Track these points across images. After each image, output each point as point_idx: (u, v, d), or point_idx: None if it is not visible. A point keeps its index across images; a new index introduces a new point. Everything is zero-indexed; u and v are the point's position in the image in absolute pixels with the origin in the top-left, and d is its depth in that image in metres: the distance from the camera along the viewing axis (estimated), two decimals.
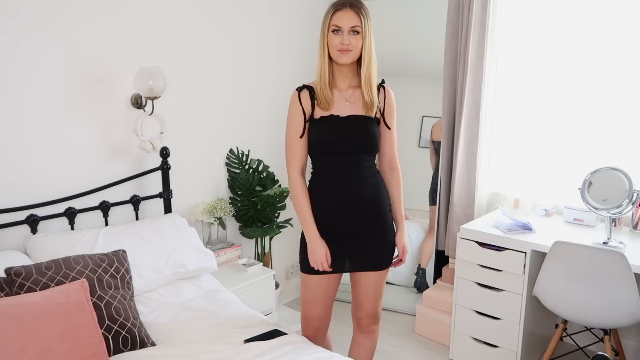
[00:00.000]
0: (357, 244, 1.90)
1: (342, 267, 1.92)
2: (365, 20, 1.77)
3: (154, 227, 2.34)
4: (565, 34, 2.63)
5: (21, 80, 2.08)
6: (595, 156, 2.58)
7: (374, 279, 1.96)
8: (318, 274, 1.91)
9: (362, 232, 1.89)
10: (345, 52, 1.77)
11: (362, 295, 2.00)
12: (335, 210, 1.87)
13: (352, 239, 1.90)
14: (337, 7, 1.77)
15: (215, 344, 1.83)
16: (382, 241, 1.93)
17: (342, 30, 1.76)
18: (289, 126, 1.88)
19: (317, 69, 1.84)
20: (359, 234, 1.89)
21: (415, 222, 3.23)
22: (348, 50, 1.76)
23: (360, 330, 2.08)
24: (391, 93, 1.94)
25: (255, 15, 2.97)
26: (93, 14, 2.25)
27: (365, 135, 1.85)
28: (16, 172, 2.11)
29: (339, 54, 1.78)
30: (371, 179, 1.90)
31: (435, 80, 3.00)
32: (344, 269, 1.93)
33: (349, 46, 1.76)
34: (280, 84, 3.14)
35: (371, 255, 1.92)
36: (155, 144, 2.45)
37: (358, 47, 1.78)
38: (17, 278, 1.72)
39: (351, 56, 1.78)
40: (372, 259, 1.93)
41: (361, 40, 1.77)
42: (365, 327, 2.06)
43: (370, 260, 1.93)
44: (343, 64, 1.80)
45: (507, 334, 2.44)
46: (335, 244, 1.89)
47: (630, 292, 2.00)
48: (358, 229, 1.89)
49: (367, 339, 2.09)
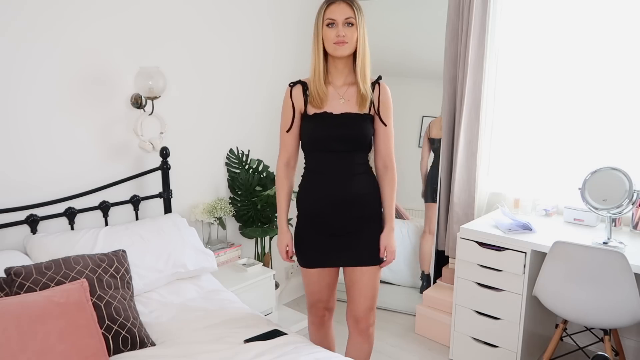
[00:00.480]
0: (349, 240, 1.91)
1: (335, 262, 1.94)
2: (358, 12, 1.79)
3: (154, 227, 2.34)
4: (565, 34, 2.63)
5: (23, 80, 2.07)
6: (595, 156, 2.58)
7: (368, 275, 1.95)
8: (313, 268, 1.97)
9: (353, 228, 1.90)
10: (342, 44, 1.78)
11: (357, 293, 1.99)
12: (326, 206, 1.88)
13: (344, 235, 1.91)
14: (330, 1, 1.79)
15: (215, 344, 1.83)
16: (374, 238, 1.93)
17: (336, 23, 1.77)
18: (281, 120, 1.95)
19: (311, 65, 1.86)
20: (350, 231, 1.90)
21: (416, 222, 3.23)
22: (344, 42, 1.77)
23: (357, 332, 2.06)
24: (387, 89, 1.92)
25: (254, 15, 2.97)
26: (93, 15, 2.25)
27: (358, 133, 1.86)
28: (17, 172, 2.11)
29: (336, 47, 1.78)
30: (363, 176, 1.91)
31: (435, 80, 2.99)
32: (337, 264, 1.96)
33: (344, 38, 1.77)
34: (279, 83, 3.13)
35: (363, 251, 1.92)
36: (155, 144, 2.45)
37: (354, 38, 1.79)
38: (17, 278, 1.72)
39: (348, 48, 1.79)
40: (364, 254, 1.93)
41: (356, 32, 1.78)
42: (363, 329, 2.04)
43: (362, 256, 1.93)
44: (340, 56, 1.81)
45: (507, 334, 2.44)
46: (327, 239, 1.91)
47: (630, 292, 2.00)
48: (349, 225, 1.90)
49: (365, 342, 2.07)
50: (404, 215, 3.26)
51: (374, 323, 2.06)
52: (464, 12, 2.76)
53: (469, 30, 2.73)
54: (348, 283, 2.01)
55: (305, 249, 1.97)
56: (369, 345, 2.08)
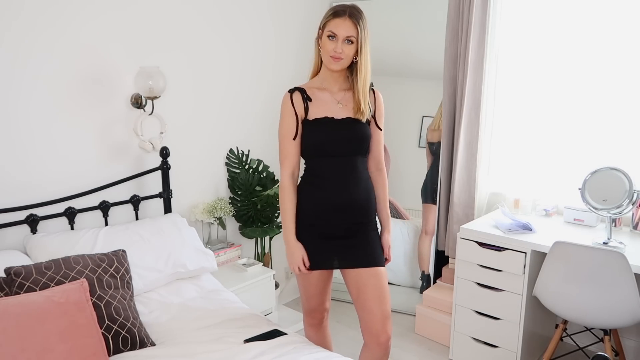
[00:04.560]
0: (347, 243, 1.90)
1: (331, 264, 1.92)
2: (362, 31, 1.78)
3: (154, 227, 2.34)
4: (565, 34, 2.63)
5: (24, 80, 2.07)
6: (595, 156, 2.58)
7: (375, 277, 1.89)
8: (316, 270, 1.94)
9: (353, 232, 1.90)
10: (337, 59, 1.79)
11: (368, 299, 1.89)
12: (328, 210, 1.88)
13: (343, 238, 1.90)
14: (337, 13, 1.79)
15: (215, 344, 1.83)
16: (373, 240, 1.93)
17: (337, 38, 1.77)
18: (282, 128, 1.89)
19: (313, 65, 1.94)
20: (349, 234, 1.90)
21: (415, 222, 3.23)
22: (340, 58, 1.79)
23: (377, 345, 1.93)
24: (380, 96, 1.97)
25: (255, 15, 2.97)
26: (93, 14, 2.25)
27: (360, 137, 1.88)
28: (18, 171, 2.11)
29: (331, 60, 1.80)
30: (365, 180, 1.92)
31: (435, 80, 3.00)
32: (332, 267, 1.93)
33: (341, 54, 1.78)
34: (279, 84, 3.14)
35: (365, 252, 1.91)
36: (155, 143, 2.44)
37: (350, 55, 1.80)
38: (16, 278, 1.72)
39: (341, 64, 1.81)
40: (367, 256, 1.90)
41: (354, 49, 1.80)
42: (383, 342, 1.91)
43: (366, 256, 1.90)
44: (333, 70, 1.84)
45: (507, 334, 2.44)
46: (325, 243, 1.90)
47: (630, 292, 2.00)
48: (350, 228, 1.89)
49: (385, 356, 1.97)
50: (403, 215, 3.26)
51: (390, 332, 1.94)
52: (464, 12, 2.76)
53: (469, 30, 2.73)
54: (355, 292, 1.92)
55: (308, 253, 1.92)
56: (387, 357, 1.99)
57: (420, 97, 3.17)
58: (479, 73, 2.76)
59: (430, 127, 3.09)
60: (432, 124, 3.07)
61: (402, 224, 3.24)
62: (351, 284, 1.94)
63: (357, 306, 1.95)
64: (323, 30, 1.81)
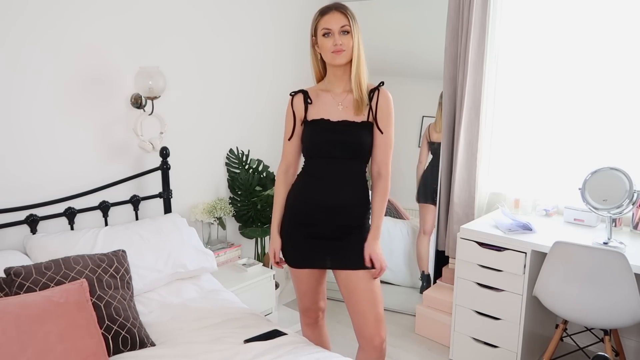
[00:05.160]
0: (335, 244, 1.88)
1: (323, 264, 1.93)
2: (352, 20, 1.80)
3: (154, 227, 2.34)
4: (566, 34, 2.63)
5: (25, 80, 2.07)
6: (596, 156, 2.58)
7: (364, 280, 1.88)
8: (300, 268, 1.97)
9: (343, 234, 1.88)
10: (339, 52, 1.79)
11: (358, 302, 1.90)
12: (314, 210, 1.88)
13: (333, 240, 1.88)
14: (323, 11, 1.82)
15: (215, 344, 1.83)
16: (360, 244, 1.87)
17: (332, 32, 1.79)
18: (285, 129, 1.98)
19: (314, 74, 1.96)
20: (340, 236, 1.88)
21: (415, 222, 3.23)
22: (341, 50, 1.79)
23: (372, 348, 1.95)
24: (387, 95, 1.88)
25: (255, 15, 2.97)
26: (93, 14, 2.26)
27: (355, 141, 1.85)
28: (17, 171, 2.11)
29: (334, 56, 1.80)
30: (357, 186, 1.88)
31: (435, 80, 3.00)
32: (325, 266, 1.94)
33: (341, 46, 1.78)
34: (280, 84, 3.14)
35: (350, 254, 1.88)
36: (155, 143, 2.44)
37: (350, 46, 1.80)
38: (16, 278, 1.72)
39: (345, 56, 1.81)
40: (352, 258, 1.87)
41: (352, 39, 1.80)
42: (377, 345, 1.93)
43: (350, 259, 1.87)
44: (339, 64, 1.82)
45: (507, 334, 2.44)
46: (315, 242, 1.90)
47: (630, 292, 2.00)
48: (339, 230, 1.88)
49: (381, 357, 1.98)
50: (403, 215, 3.26)
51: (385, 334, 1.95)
52: (464, 12, 2.76)
53: (469, 30, 2.73)
54: (346, 294, 1.92)
55: (293, 250, 1.96)
56: (383, 357, 2.00)
57: (420, 97, 3.17)
58: (479, 73, 2.76)
59: (434, 127, 3.07)
60: (437, 125, 3.05)
61: (402, 224, 3.24)
62: (342, 286, 1.94)
63: (349, 309, 1.95)
64: (316, 32, 1.83)
